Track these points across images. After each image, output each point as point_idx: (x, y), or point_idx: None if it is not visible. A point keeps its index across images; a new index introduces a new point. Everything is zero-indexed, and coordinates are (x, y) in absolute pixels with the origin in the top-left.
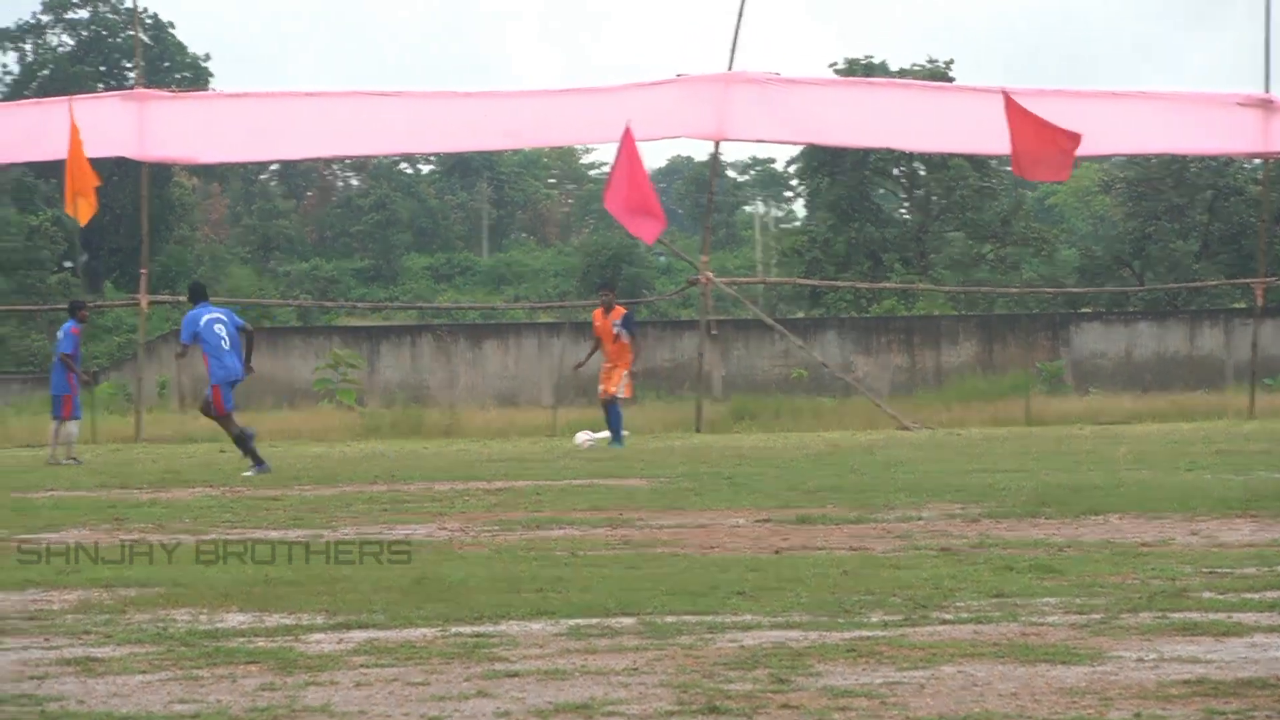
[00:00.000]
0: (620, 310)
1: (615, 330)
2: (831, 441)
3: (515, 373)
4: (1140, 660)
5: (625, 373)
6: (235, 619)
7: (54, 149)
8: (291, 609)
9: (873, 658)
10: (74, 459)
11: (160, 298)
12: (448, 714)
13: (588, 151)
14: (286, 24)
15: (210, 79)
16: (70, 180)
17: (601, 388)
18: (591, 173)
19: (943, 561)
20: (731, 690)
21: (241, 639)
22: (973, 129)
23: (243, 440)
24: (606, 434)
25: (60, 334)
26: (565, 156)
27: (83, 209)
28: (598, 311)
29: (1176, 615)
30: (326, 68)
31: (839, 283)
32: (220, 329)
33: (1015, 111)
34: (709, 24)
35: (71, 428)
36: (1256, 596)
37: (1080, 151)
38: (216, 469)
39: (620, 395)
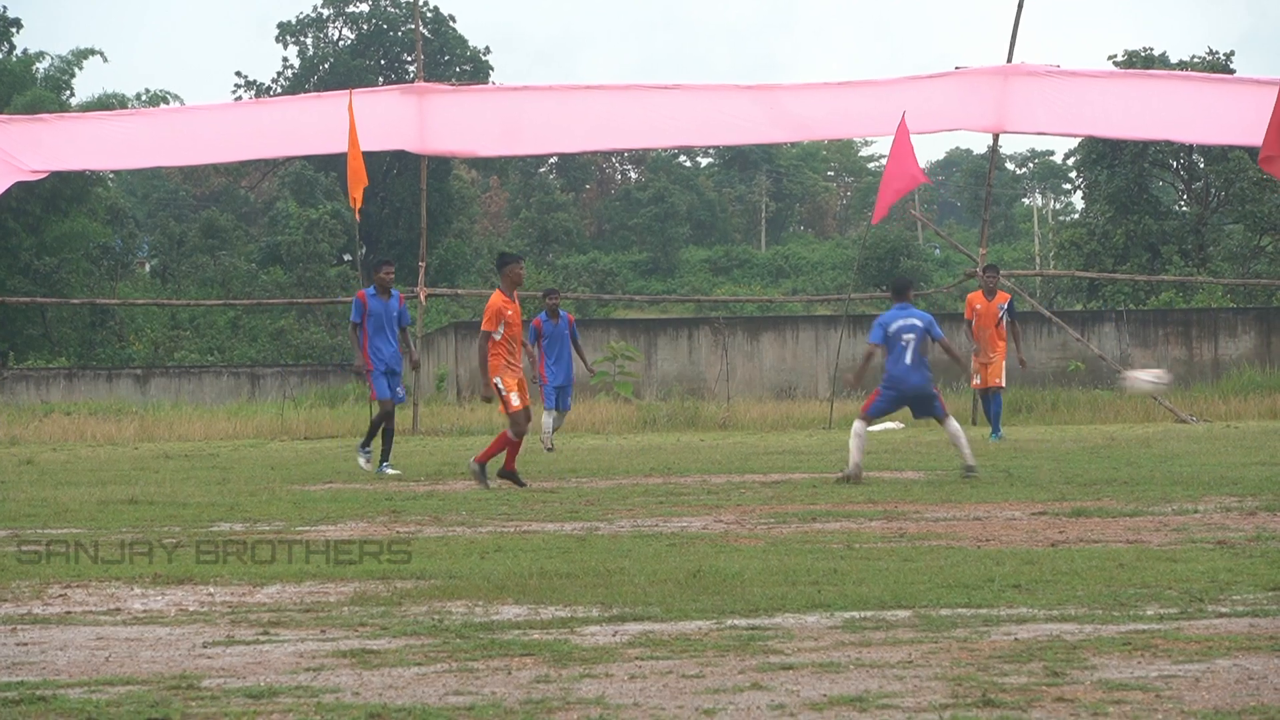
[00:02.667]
0: (1005, 295)
1: (1000, 315)
2: (1108, 434)
3: (792, 365)
4: None
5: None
6: (510, 611)
7: (334, 143)
8: (567, 601)
9: (1148, 651)
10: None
11: (438, 290)
12: (722, 706)
13: (866, 144)
14: (567, 18)
15: (490, 72)
16: (350, 174)
17: (979, 378)
18: (870, 165)
19: (1219, 555)
20: (1006, 683)
21: (517, 631)
22: (1253, 121)
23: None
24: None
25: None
26: (844, 149)
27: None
28: (977, 295)
29: None
30: (607, 61)
31: (1117, 275)
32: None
33: None
34: (988, 17)
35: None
36: None
37: None
38: (494, 462)
39: (1002, 384)
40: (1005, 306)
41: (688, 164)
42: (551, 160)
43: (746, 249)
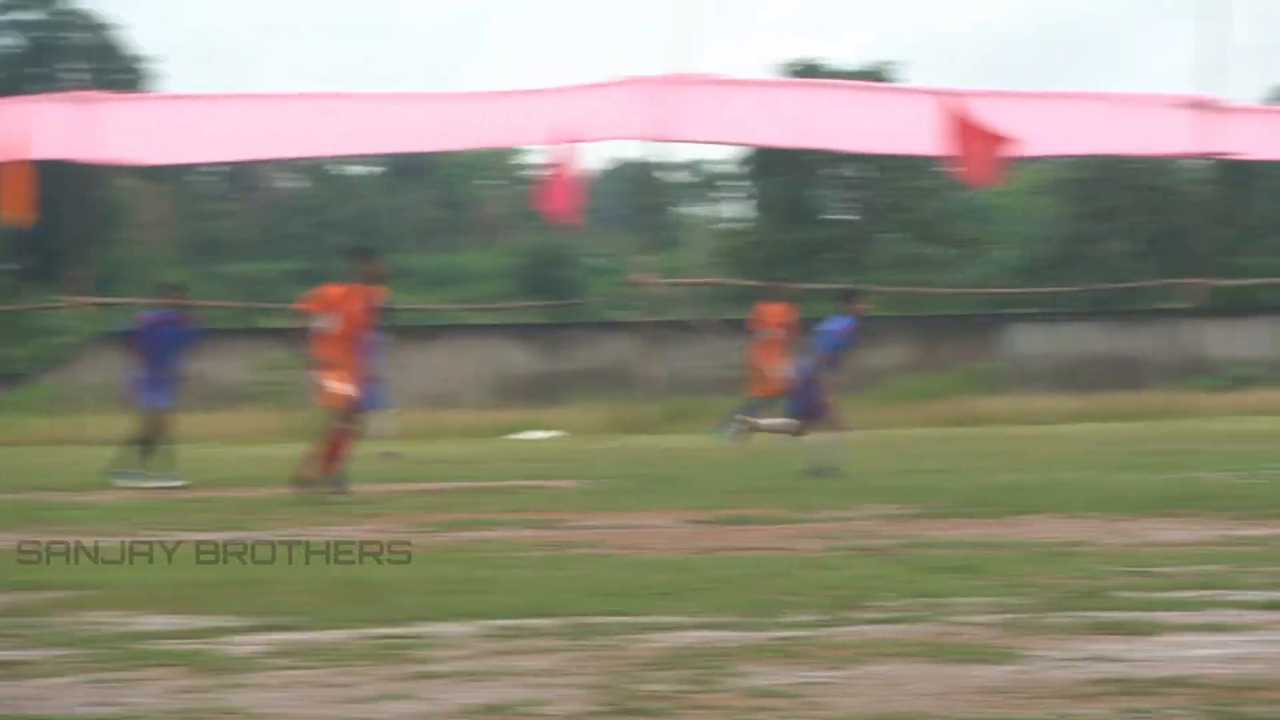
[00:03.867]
0: None
1: None
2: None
3: (448, 375)
4: (1061, 659)
5: None
6: (159, 621)
7: None
8: (216, 611)
9: (796, 658)
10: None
11: (99, 299)
12: (370, 715)
13: (523, 153)
14: (244, 24)
15: (162, 80)
16: (8, 186)
17: None
18: (527, 174)
19: (868, 561)
20: (652, 690)
21: (164, 641)
22: (911, 130)
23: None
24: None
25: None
26: (502, 157)
27: (20, 213)
28: None
29: (1097, 614)
30: (286, 71)
31: (778, 283)
32: None
33: (950, 116)
34: (649, 25)
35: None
36: (1176, 595)
37: (1018, 153)
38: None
39: None
40: None
41: (351, 173)
42: (215, 169)
43: (410, 258)
